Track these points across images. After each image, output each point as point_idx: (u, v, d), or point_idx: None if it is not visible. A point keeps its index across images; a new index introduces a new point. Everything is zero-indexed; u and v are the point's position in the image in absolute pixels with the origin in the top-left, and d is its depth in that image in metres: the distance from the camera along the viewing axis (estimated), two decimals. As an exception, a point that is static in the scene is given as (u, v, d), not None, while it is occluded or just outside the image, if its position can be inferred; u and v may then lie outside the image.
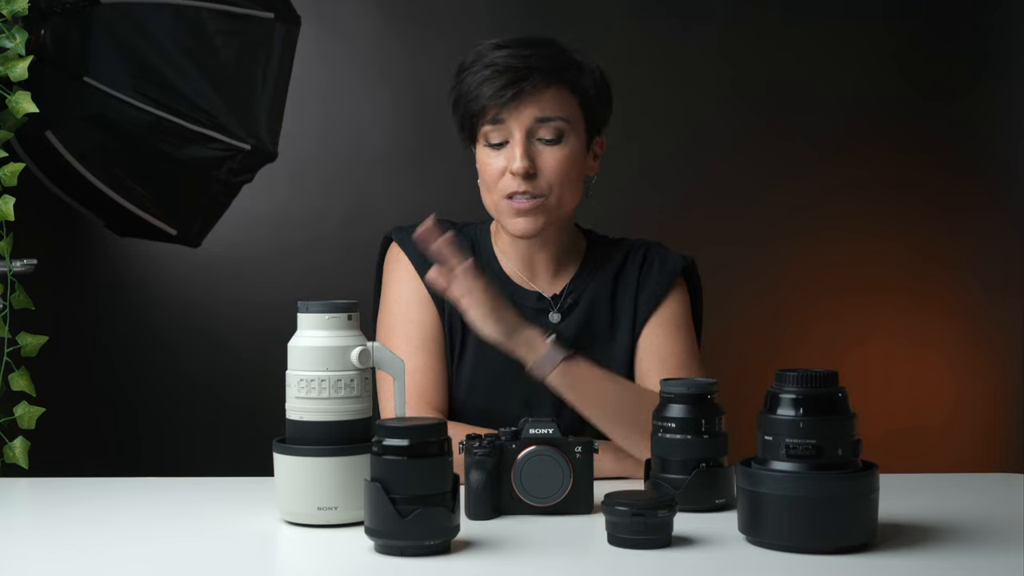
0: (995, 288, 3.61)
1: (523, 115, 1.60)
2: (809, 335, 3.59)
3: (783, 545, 1.14)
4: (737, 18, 3.57)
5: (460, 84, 1.64)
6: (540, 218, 1.62)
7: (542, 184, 1.60)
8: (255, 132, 2.41)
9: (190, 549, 1.22)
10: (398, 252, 1.72)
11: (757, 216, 3.56)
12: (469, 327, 1.65)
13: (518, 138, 1.60)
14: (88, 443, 3.14)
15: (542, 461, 1.32)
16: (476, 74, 1.61)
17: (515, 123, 1.60)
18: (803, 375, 1.15)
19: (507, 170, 1.61)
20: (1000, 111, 3.63)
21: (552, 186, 1.61)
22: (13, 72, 1.90)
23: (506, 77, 1.59)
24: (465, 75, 1.64)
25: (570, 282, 1.71)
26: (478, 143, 1.65)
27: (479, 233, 1.75)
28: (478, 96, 1.60)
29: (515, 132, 1.60)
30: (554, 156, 1.61)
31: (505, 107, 1.59)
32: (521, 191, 1.60)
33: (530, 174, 1.59)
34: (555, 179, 1.61)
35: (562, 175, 1.61)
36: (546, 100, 1.60)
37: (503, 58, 1.60)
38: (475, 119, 1.63)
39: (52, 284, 2.55)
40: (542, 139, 1.61)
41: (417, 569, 1.11)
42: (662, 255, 1.74)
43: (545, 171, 1.60)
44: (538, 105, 1.60)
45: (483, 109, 1.60)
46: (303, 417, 1.28)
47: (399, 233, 1.73)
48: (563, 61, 1.63)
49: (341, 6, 3.45)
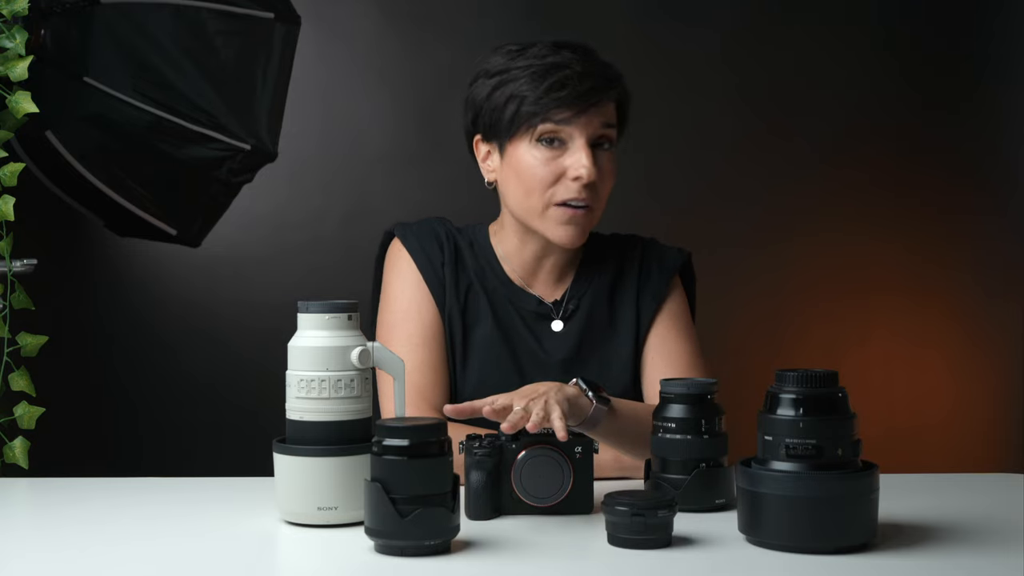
0: (995, 290, 3.61)
1: (592, 122, 1.58)
2: (809, 336, 3.59)
3: (783, 545, 1.14)
4: (738, 22, 3.57)
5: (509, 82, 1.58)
6: (587, 227, 1.62)
7: (598, 194, 1.60)
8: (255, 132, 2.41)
9: (190, 549, 1.22)
10: (399, 248, 1.71)
11: (758, 218, 3.57)
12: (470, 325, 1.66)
13: (581, 143, 1.57)
14: (88, 443, 3.14)
15: (542, 461, 1.31)
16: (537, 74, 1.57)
17: (582, 128, 1.57)
18: (803, 375, 1.15)
19: (564, 176, 1.58)
20: (1002, 115, 3.63)
21: (602, 195, 1.61)
22: (13, 72, 1.90)
23: (588, 82, 1.56)
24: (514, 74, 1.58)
25: (570, 288, 1.70)
26: (520, 140, 1.59)
27: (477, 235, 1.74)
28: (547, 99, 1.55)
29: (578, 138, 1.58)
30: (608, 164, 1.61)
31: (582, 113, 1.56)
32: (581, 198, 1.58)
33: (593, 183, 1.58)
34: (604, 188, 1.61)
35: (608, 186, 1.62)
36: (608, 111, 1.61)
37: (575, 63, 1.58)
38: (532, 117, 1.57)
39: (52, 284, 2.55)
40: (598, 146, 1.60)
41: (417, 569, 1.11)
42: (659, 252, 1.74)
43: (601, 180, 1.60)
44: (602, 113, 1.59)
45: (551, 112, 1.56)
46: (303, 417, 1.28)
47: (401, 229, 1.72)
48: (618, 74, 1.63)
49: (341, 6, 3.46)
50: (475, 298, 1.68)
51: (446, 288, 1.67)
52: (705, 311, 1.82)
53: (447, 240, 1.70)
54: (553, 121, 1.57)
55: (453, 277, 1.68)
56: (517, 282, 1.70)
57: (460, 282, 1.68)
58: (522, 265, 1.70)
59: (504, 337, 1.66)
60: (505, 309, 1.68)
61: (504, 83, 1.60)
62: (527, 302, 1.69)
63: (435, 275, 1.67)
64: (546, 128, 1.57)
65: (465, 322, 1.67)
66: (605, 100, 1.59)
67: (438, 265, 1.68)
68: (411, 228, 1.72)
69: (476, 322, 1.67)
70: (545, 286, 1.71)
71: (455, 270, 1.68)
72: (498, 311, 1.68)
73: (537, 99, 1.56)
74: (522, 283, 1.70)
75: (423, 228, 1.72)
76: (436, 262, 1.68)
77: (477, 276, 1.69)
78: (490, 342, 1.66)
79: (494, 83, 1.61)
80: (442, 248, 1.69)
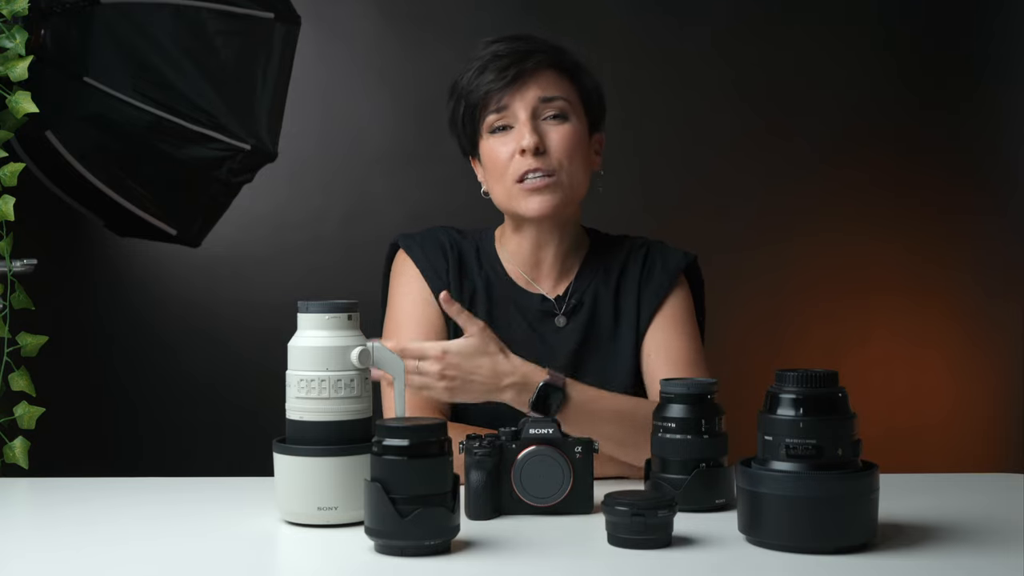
0: (995, 290, 3.61)
1: (527, 96, 1.62)
2: (809, 336, 3.59)
3: (783, 545, 1.14)
4: (735, 19, 3.57)
5: (458, 89, 1.67)
6: (556, 195, 1.63)
7: (552, 161, 1.62)
8: (255, 132, 2.41)
9: (190, 549, 1.22)
10: (404, 259, 1.73)
11: (757, 218, 3.57)
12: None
13: (523, 118, 1.62)
14: (88, 443, 3.13)
15: (542, 461, 1.32)
16: (473, 69, 1.64)
17: (519, 104, 1.62)
18: (803, 375, 1.15)
19: (515, 152, 1.62)
20: (1002, 115, 3.63)
21: (562, 162, 1.62)
22: (13, 72, 1.90)
23: (506, 60, 1.62)
24: (462, 77, 1.67)
25: (573, 283, 1.71)
26: (482, 138, 1.66)
27: (483, 238, 1.75)
28: (478, 86, 1.63)
29: (520, 113, 1.62)
30: (560, 133, 1.63)
31: (508, 89, 1.61)
32: (533, 169, 1.61)
33: (540, 150, 1.61)
34: (564, 155, 1.62)
35: (571, 150, 1.63)
36: (547, 80, 1.64)
37: (501, 47, 1.64)
38: (477, 111, 1.64)
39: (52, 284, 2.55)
40: (547, 118, 1.63)
41: (417, 569, 1.11)
42: (664, 253, 1.74)
43: (553, 148, 1.62)
44: (539, 85, 1.63)
45: (486, 96, 1.62)
46: (303, 417, 1.28)
47: (405, 240, 1.74)
48: (560, 50, 1.67)
49: (341, 6, 3.46)
50: (478, 303, 1.69)
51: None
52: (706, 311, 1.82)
53: (451, 249, 1.72)
54: (492, 109, 1.63)
55: (458, 284, 1.70)
56: (521, 281, 1.71)
57: (464, 288, 1.70)
58: (524, 262, 1.71)
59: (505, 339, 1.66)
60: (508, 310, 1.69)
61: (459, 97, 1.68)
62: (531, 300, 1.70)
63: (440, 284, 1.69)
64: (491, 118, 1.64)
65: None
66: (536, 70, 1.63)
67: (443, 273, 1.70)
68: (415, 239, 1.74)
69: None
70: (548, 282, 1.71)
71: (459, 277, 1.70)
72: (500, 313, 1.69)
73: (471, 89, 1.64)
74: (526, 282, 1.71)
75: (427, 238, 1.74)
76: (441, 271, 1.70)
77: (481, 281, 1.71)
78: None
79: (454, 101, 1.69)
80: (446, 257, 1.71)
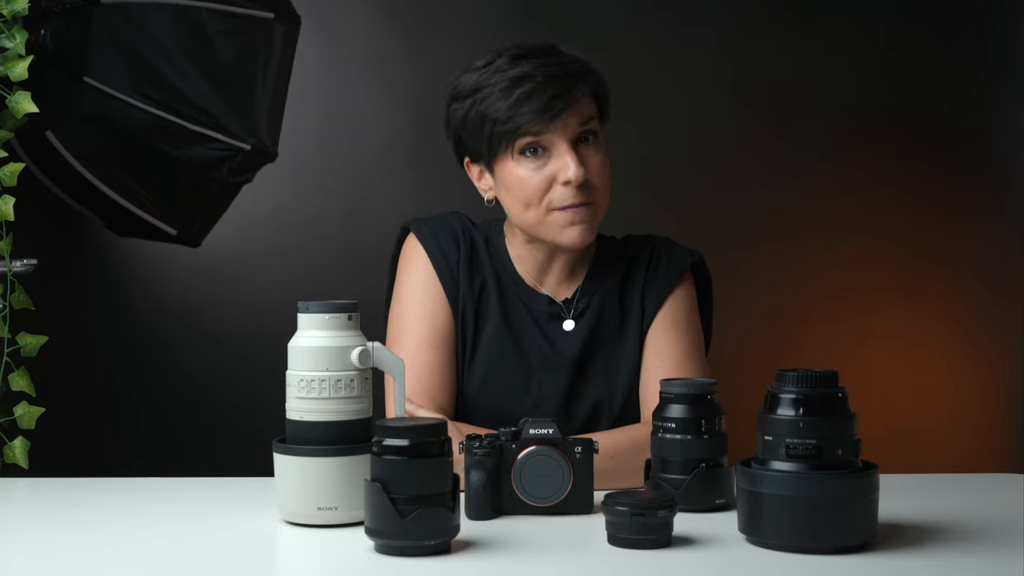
0: (995, 289, 3.61)
1: (569, 125, 1.56)
2: (810, 336, 3.59)
3: (783, 545, 1.14)
4: (737, 20, 3.57)
5: (479, 104, 1.58)
6: (593, 223, 1.61)
7: (593, 192, 1.59)
8: (255, 132, 2.41)
9: (190, 549, 1.22)
10: (415, 244, 1.69)
11: (757, 217, 3.57)
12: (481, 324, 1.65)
13: (564, 147, 1.56)
14: (88, 443, 3.14)
15: (542, 461, 1.32)
16: (499, 90, 1.56)
17: (560, 134, 1.56)
18: (803, 375, 1.15)
19: (552, 180, 1.57)
20: (999, 113, 3.63)
21: (599, 189, 1.60)
22: (13, 72, 1.90)
23: (548, 90, 1.54)
24: (483, 94, 1.58)
25: (581, 286, 1.69)
26: (506, 157, 1.59)
27: (493, 232, 1.72)
28: (515, 116, 1.55)
29: (559, 143, 1.57)
30: (597, 159, 1.59)
31: (551, 123, 1.55)
32: (578, 202, 1.57)
33: (586, 180, 1.57)
34: (600, 182, 1.60)
35: (606, 176, 1.61)
36: (584, 106, 1.59)
37: (531, 67, 1.56)
38: (510, 136, 1.56)
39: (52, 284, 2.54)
40: (581, 141, 1.59)
41: (417, 569, 1.11)
42: (668, 251, 1.72)
43: (593, 176, 1.58)
44: (578, 113, 1.57)
45: (523, 126, 1.55)
46: (303, 417, 1.28)
47: (417, 224, 1.70)
48: (586, 66, 1.61)
49: (341, 6, 3.45)
50: (488, 296, 1.67)
51: (460, 286, 1.66)
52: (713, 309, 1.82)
53: (463, 236, 1.69)
54: (529, 134, 1.56)
55: (468, 274, 1.67)
56: (529, 282, 1.69)
57: (475, 280, 1.67)
58: (533, 265, 1.69)
59: (513, 337, 1.66)
60: (516, 309, 1.67)
61: (474, 105, 1.59)
62: (538, 302, 1.68)
63: (450, 273, 1.66)
64: (524, 142, 1.57)
65: (477, 320, 1.66)
66: (576, 98, 1.57)
67: (453, 262, 1.67)
68: (427, 224, 1.70)
69: (486, 320, 1.66)
70: (556, 285, 1.70)
71: (470, 267, 1.67)
72: (509, 310, 1.67)
73: (508, 117, 1.55)
74: (534, 283, 1.69)
75: (440, 224, 1.70)
76: (452, 259, 1.67)
77: (491, 274, 1.68)
78: (497, 341, 1.65)
79: (466, 107, 1.60)
80: (458, 245, 1.68)
